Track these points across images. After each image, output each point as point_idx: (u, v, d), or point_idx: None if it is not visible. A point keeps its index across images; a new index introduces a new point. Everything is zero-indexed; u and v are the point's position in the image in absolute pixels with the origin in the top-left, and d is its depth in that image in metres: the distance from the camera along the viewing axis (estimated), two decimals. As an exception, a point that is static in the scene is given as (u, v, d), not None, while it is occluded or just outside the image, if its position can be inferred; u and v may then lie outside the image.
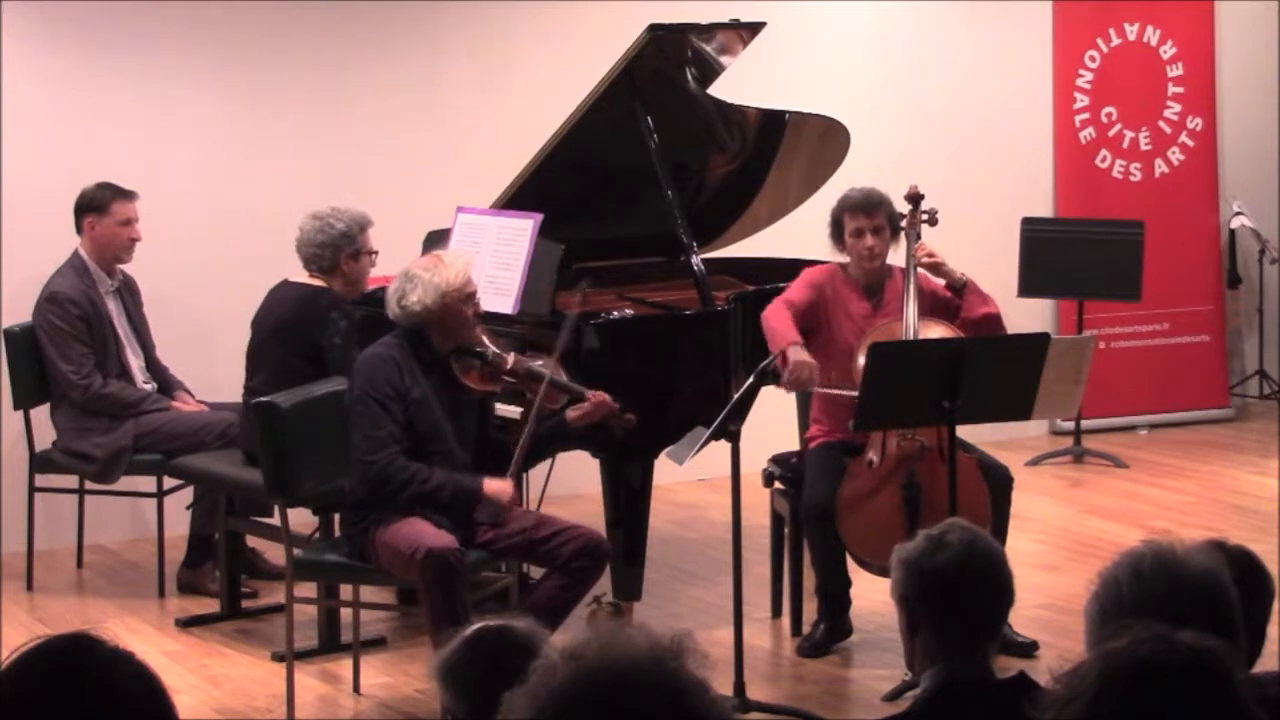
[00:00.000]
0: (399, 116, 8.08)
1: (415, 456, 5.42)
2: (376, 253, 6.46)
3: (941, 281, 6.18)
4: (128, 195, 6.91)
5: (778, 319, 6.01)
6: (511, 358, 5.57)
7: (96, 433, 6.76)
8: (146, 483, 6.94)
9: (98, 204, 6.87)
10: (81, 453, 6.78)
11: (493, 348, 5.59)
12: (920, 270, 6.12)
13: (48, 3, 7.47)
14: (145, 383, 6.94)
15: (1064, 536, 7.52)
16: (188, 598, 6.80)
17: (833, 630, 6.11)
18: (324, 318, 6.27)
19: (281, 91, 7.81)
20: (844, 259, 6.21)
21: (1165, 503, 7.99)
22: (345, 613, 6.06)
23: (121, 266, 6.98)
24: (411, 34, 8.10)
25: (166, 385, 7.00)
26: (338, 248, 6.35)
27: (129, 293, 7.03)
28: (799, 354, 5.83)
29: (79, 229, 6.89)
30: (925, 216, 6.21)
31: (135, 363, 6.95)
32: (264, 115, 7.81)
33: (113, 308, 6.92)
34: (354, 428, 5.40)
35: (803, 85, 8.35)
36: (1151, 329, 9.49)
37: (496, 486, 5.46)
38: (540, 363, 5.64)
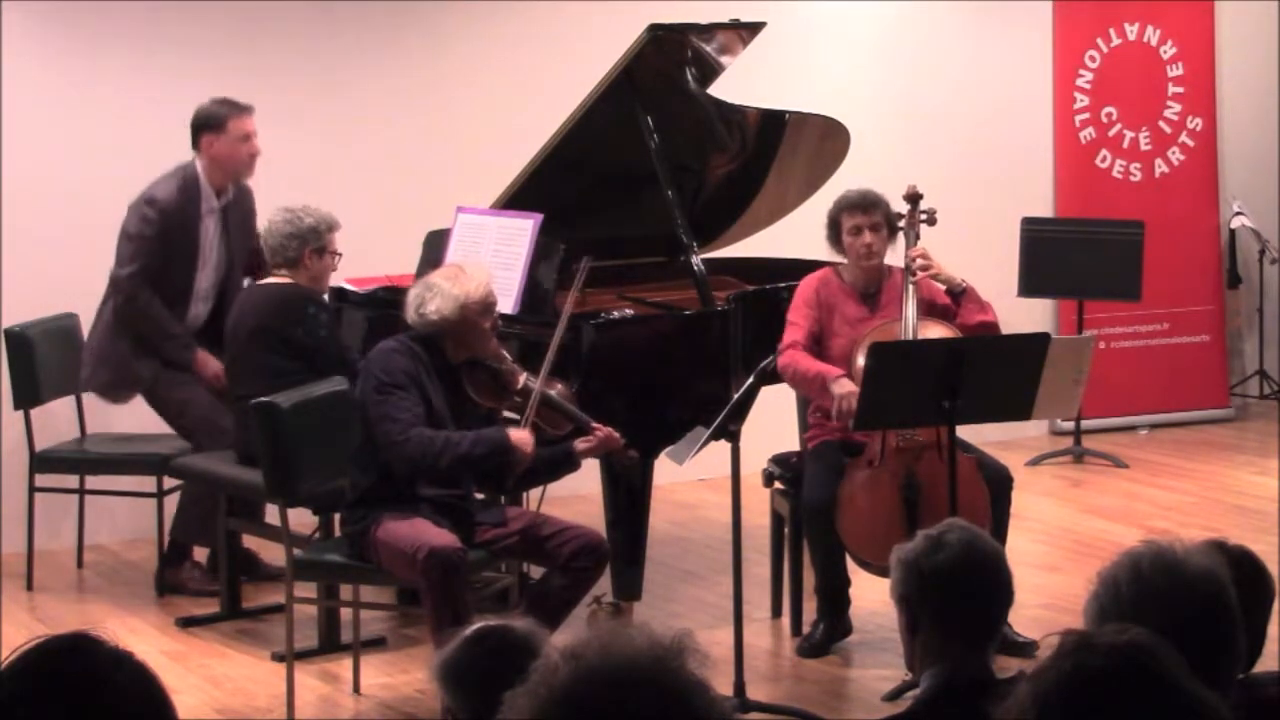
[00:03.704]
0: (399, 116, 8.08)
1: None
2: (340, 255, 6.42)
3: (941, 287, 6.18)
4: (245, 110, 6.85)
5: (804, 361, 6.01)
6: (523, 377, 5.55)
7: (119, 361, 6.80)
8: (146, 483, 6.94)
9: (215, 121, 6.79)
10: (107, 378, 6.84)
11: (506, 364, 5.57)
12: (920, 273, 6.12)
13: (48, 2, 7.48)
14: (204, 301, 6.83)
15: (1064, 536, 7.52)
16: (188, 598, 6.80)
17: (832, 630, 6.11)
18: (303, 314, 6.24)
19: (282, 91, 7.80)
20: (841, 260, 6.21)
21: (1165, 503, 7.99)
22: (345, 613, 6.07)
23: (243, 181, 6.89)
24: (412, 33, 8.11)
25: (222, 311, 6.79)
26: (304, 240, 6.31)
27: (236, 209, 6.90)
28: (844, 386, 5.83)
29: (195, 146, 6.80)
30: (924, 216, 6.21)
31: (204, 282, 6.84)
32: (264, 114, 7.77)
33: (210, 227, 6.82)
34: (378, 417, 5.34)
35: (803, 85, 8.35)
36: (1151, 329, 9.49)
37: (519, 436, 5.44)
38: (556, 389, 5.62)
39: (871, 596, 6.15)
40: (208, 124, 6.81)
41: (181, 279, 6.79)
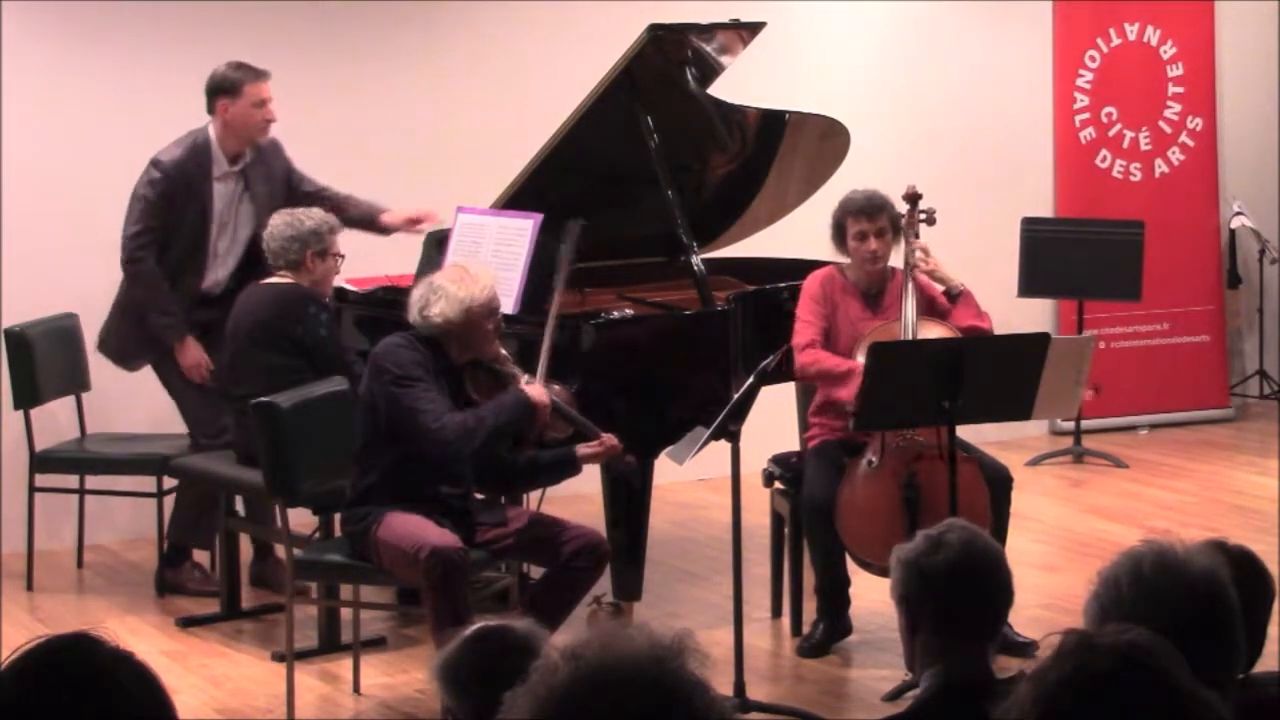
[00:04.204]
0: (399, 116, 8.08)
1: (418, 458, 5.41)
2: (343, 256, 6.42)
3: (940, 288, 6.18)
4: (261, 75, 6.81)
5: (828, 358, 6.01)
6: (524, 379, 5.55)
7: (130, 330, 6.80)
8: (146, 483, 6.94)
9: (230, 86, 6.75)
10: (115, 345, 6.88)
11: (508, 366, 5.57)
12: (921, 274, 6.12)
13: (48, 2, 7.48)
14: (224, 264, 6.80)
15: (1064, 536, 7.52)
16: (188, 598, 6.79)
17: (832, 630, 6.11)
18: (304, 314, 6.24)
19: (282, 91, 7.79)
20: (844, 260, 6.21)
21: (1165, 503, 7.99)
22: (345, 613, 6.07)
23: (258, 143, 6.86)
24: (412, 33, 8.11)
25: (246, 274, 6.75)
26: (305, 243, 6.31)
27: (261, 166, 6.85)
28: None
29: (210, 110, 6.77)
30: (923, 216, 6.21)
31: (222, 247, 6.80)
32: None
33: (223, 191, 6.78)
34: (409, 410, 5.33)
35: (803, 85, 8.35)
36: (1151, 329, 9.49)
37: (535, 391, 5.46)
38: (554, 390, 5.62)
39: (871, 596, 6.15)
40: (223, 88, 6.78)
41: (191, 241, 6.75)
